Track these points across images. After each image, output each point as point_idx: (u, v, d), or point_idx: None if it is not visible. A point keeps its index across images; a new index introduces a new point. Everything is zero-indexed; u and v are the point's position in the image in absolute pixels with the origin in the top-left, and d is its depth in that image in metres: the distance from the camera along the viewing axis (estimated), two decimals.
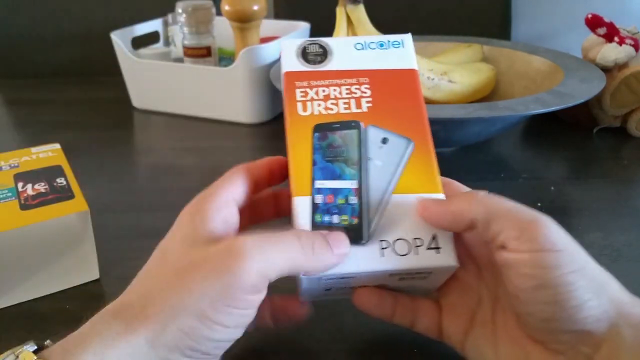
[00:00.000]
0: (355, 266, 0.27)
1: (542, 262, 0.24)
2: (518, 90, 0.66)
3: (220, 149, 0.64)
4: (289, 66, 0.32)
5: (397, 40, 0.33)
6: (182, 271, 0.24)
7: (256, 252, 0.24)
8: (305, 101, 0.31)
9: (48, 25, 1.05)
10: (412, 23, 1.10)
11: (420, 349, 0.33)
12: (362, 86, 0.31)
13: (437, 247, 0.28)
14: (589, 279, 0.24)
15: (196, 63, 0.73)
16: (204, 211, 0.27)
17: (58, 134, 0.69)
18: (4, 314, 0.37)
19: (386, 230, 0.28)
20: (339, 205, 0.28)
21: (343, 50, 0.32)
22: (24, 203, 0.38)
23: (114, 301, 0.25)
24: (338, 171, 0.29)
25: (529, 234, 0.24)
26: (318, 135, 0.30)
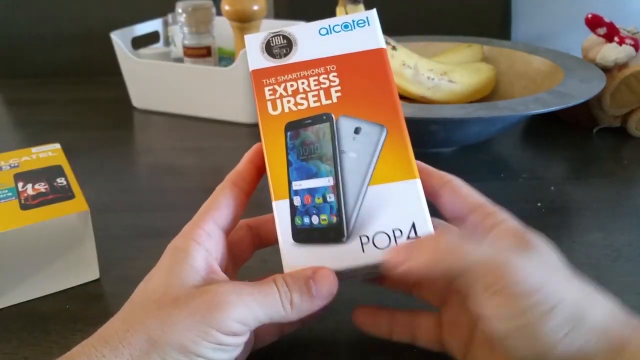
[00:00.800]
0: (337, 264, 0.28)
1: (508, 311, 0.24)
2: (518, 90, 0.66)
3: (220, 149, 0.64)
4: (255, 63, 0.31)
5: (362, 19, 0.32)
6: (165, 306, 0.25)
7: (237, 304, 0.25)
8: (275, 99, 0.30)
9: (48, 25, 1.05)
10: (412, 23, 1.10)
11: (421, 349, 0.33)
12: (330, 75, 0.30)
13: (417, 235, 0.28)
14: (562, 316, 0.23)
15: (196, 63, 0.73)
16: (184, 248, 0.28)
17: (58, 134, 0.69)
18: (4, 314, 0.37)
19: (365, 224, 0.28)
20: (317, 205, 0.28)
21: (307, 38, 0.31)
22: (24, 203, 0.38)
23: (100, 328, 0.26)
24: (314, 169, 0.29)
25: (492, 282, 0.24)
26: (290, 134, 0.30)
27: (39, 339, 0.34)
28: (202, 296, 0.26)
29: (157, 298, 0.26)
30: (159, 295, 0.26)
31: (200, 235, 0.28)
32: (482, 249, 0.25)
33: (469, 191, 0.30)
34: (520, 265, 0.24)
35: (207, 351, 0.25)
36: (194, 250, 0.28)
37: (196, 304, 0.25)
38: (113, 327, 0.26)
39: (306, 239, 0.28)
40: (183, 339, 0.24)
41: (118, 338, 0.25)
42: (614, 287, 0.36)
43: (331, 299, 0.27)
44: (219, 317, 0.25)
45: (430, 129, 0.52)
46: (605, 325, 0.24)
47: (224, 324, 0.25)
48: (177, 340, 0.24)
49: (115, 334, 0.25)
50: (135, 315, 0.26)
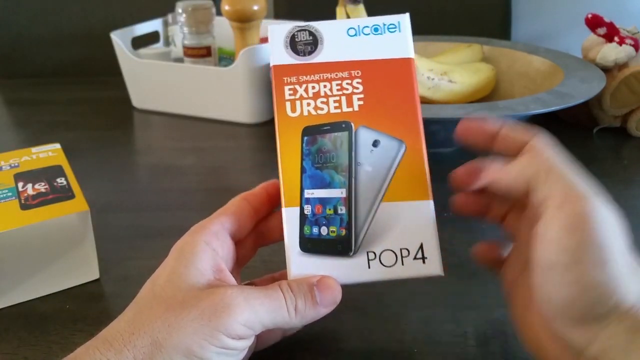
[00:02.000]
0: (342, 277, 0.28)
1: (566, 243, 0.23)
2: (518, 90, 0.66)
3: (220, 149, 0.64)
4: (277, 58, 0.30)
5: (393, 24, 0.31)
6: (172, 307, 0.25)
7: (244, 307, 0.25)
8: (294, 100, 0.30)
9: (48, 25, 1.05)
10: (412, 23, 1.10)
11: (421, 349, 0.33)
12: (354, 80, 0.30)
13: (423, 257, 0.28)
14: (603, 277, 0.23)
15: (196, 63, 0.73)
16: (193, 245, 0.28)
17: (58, 134, 0.69)
18: (4, 314, 0.37)
19: (373, 240, 0.28)
20: (328, 216, 0.28)
21: (335, 37, 0.30)
22: (24, 203, 0.38)
23: (104, 329, 0.26)
24: (327, 179, 0.28)
25: (568, 211, 0.24)
26: (307, 139, 0.29)
27: (39, 339, 0.34)
28: (209, 298, 0.25)
29: (164, 300, 0.26)
30: (165, 296, 0.26)
31: (208, 234, 0.28)
32: (571, 174, 0.25)
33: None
34: (598, 207, 0.24)
35: (213, 355, 0.25)
36: (201, 250, 0.28)
37: (203, 306, 0.25)
38: (118, 329, 0.25)
39: (313, 249, 0.28)
40: (189, 342, 0.24)
41: (123, 341, 0.25)
42: None
43: (334, 307, 0.28)
44: (226, 321, 0.25)
45: (430, 129, 0.52)
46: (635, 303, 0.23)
47: (230, 327, 0.25)
48: (183, 343, 0.24)
49: (120, 336, 0.25)
50: (140, 317, 0.26)
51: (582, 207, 0.24)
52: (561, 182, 0.25)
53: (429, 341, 0.33)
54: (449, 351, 0.33)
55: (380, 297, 0.37)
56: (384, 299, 0.37)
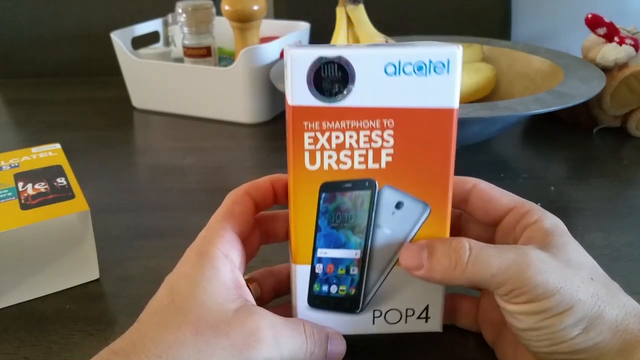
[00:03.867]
0: (345, 329, 0.29)
1: (529, 311, 0.25)
2: (518, 90, 0.66)
3: (220, 149, 0.64)
4: (298, 98, 0.25)
5: (442, 62, 0.25)
6: (202, 331, 0.24)
7: (272, 342, 0.25)
8: (315, 151, 0.25)
9: (48, 25, 1.05)
10: (412, 23, 1.10)
11: (421, 349, 0.33)
12: (385, 132, 0.25)
13: (427, 317, 0.29)
14: (577, 317, 0.24)
15: (196, 63, 0.73)
16: (212, 257, 0.27)
17: (58, 134, 0.69)
18: (4, 314, 0.37)
19: (381, 300, 0.28)
20: (339, 276, 0.28)
21: (369, 74, 0.25)
22: (24, 203, 0.38)
23: (117, 339, 0.25)
24: (343, 239, 0.27)
25: (516, 292, 0.25)
26: (325, 197, 0.26)
27: (39, 339, 0.34)
28: (241, 327, 0.25)
29: (193, 319, 0.25)
30: (193, 315, 0.25)
31: (224, 244, 0.28)
32: (502, 255, 0.25)
33: (499, 193, 0.30)
34: (540, 270, 0.25)
35: None
36: (221, 263, 0.27)
37: (235, 336, 0.24)
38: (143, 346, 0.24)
39: (321, 305, 0.28)
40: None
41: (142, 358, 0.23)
42: None
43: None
44: (254, 354, 0.25)
45: None
46: (621, 324, 0.25)
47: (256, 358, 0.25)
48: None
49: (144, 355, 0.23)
50: (166, 335, 0.24)
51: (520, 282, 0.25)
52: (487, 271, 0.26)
53: (429, 341, 0.33)
54: (449, 351, 0.33)
55: None
56: None
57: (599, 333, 0.25)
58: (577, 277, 0.25)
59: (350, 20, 0.62)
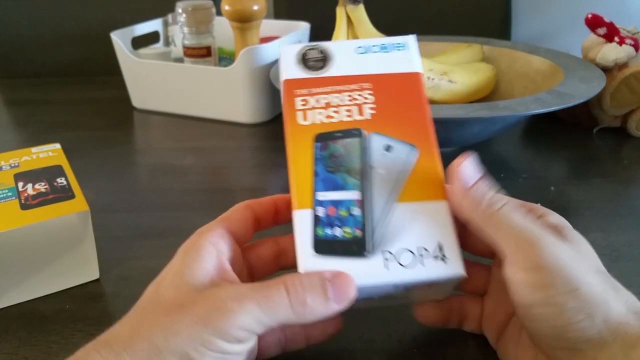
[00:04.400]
0: (359, 280, 0.26)
1: (535, 282, 0.25)
2: (518, 90, 0.66)
3: (220, 149, 0.64)
4: (288, 73, 0.31)
5: (401, 43, 0.32)
6: (170, 312, 0.25)
7: (239, 311, 0.24)
8: (306, 110, 0.30)
9: (48, 25, 1.05)
10: (412, 23, 1.10)
11: (421, 349, 0.33)
12: (365, 92, 0.30)
13: (444, 256, 0.27)
14: (582, 301, 0.24)
15: (196, 63, 0.73)
16: (196, 248, 0.28)
17: (58, 134, 0.69)
18: (4, 314, 0.37)
19: (390, 241, 0.27)
20: (342, 218, 0.28)
21: (344, 54, 0.31)
22: (25, 203, 0.38)
23: (106, 331, 0.26)
24: (340, 182, 0.28)
25: (525, 253, 0.25)
26: (319, 145, 0.29)
27: (39, 339, 0.34)
28: (204, 302, 0.25)
29: (165, 303, 0.26)
30: (166, 299, 0.26)
31: (213, 236, 0.28)
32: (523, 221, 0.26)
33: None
34: (551, 244, 0.25)
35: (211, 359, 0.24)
36: (205, 250, 0.28)
37: (198, 311, 0.25)
38: (119, 332, 0.25)
39: (327, 250, 0.27)
40: (186, 348, 0.24)
41: (123, 344, 0.24)
42: None
43: (347, 306, 0.26)
44: (222, 325, 0.24)
45: None
46: (624, 318, 0.25)
47: (226, 332, 0.24)
48: (180, 349, 0.24)
49: (120, 340, 0.25)
50: (141, 320, 0.26)
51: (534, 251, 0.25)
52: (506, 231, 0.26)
53: (429, 341, 0.33)
54: (449, 351, 0.33)
55: None
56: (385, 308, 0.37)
57: (604, 322, 0.24)
58: (585, 264, 0.26)
59: (350, 20, 0.63)
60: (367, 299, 0.28)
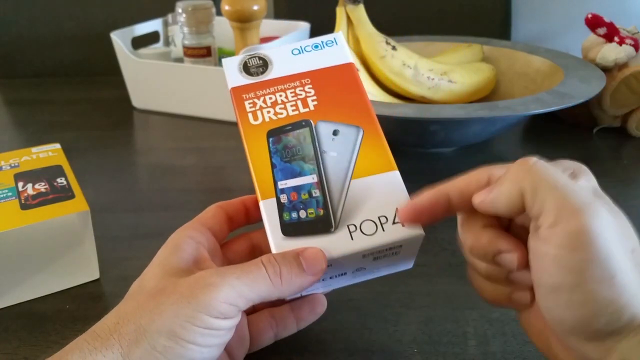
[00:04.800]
0: (328, 253, 0.28)
1: (567, 262, 0.22)
2: (518, 90, 0.66)
3: (220, 149, 0.64)
4: (234, 82, 0.34)
5: (330, 40, 0.34)
6: (154, 295, 0.26)
7: (221, 285, 0.26)
8: (255, 111, 0.32)
9: (48, 25, 1.05)
10: (412, 23, 1.10)
11: (421, 349, 0.33)
12: (306, 87, 0.33)
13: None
14: (615, 291, 0.21)
15: (196, 63, 0.73)
16: (174, 241, 0.30)
17: (58, 134, 0.69)
18: (4, 314, 0.37)
19: (352, 215, 0.29)
20: (304, 201, 0.30)
21: (281, 58, 0.34)
22: (25, 203, 0.38)
23: (96, 323, 0.27)
24: (297, 169, 0.30)
25: (566, 225, 0.22)
26: (272, 140, 0.31)
27: (39, 339, 0.34)
28: (186, 282, 0.26)
29: (148, 291, 0.27)
30: (149, 288, 0.27)
31: (191, 230, 0.30)
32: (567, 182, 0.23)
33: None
34: (599, 216, 0.22)
35: (197, 336, 0.25)
36: (183, 242, 0.29)
37: (181, 290, 0.26)
38: (105, 322, 0.26)
39: (295, 232, 0.29)
40: (172, 324, 0.25)
41: (109, 330, 0.25)
42: None
43: (320, 276, 0.27)
44: (205, 300, 0.25)
45: (430, 129, 0.52)
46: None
47: (210, 306, 0.25)
48: (165, 326, 0.25)
49: (106, 327, 0.26)
50: (125, 308, 0.27)
51: (578, 222, 0.22)
52: (551, 195, 0.23)
53: (429, 341, 0.33)
54: (449, 351, 0.33)
55: (380, 297, 0.37)
56: (384, 299, 0.37)
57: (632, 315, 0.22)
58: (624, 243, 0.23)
59: (350, 20, 0.63)
60: (341, 273, 0.30)
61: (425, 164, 0.56)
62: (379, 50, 0.61)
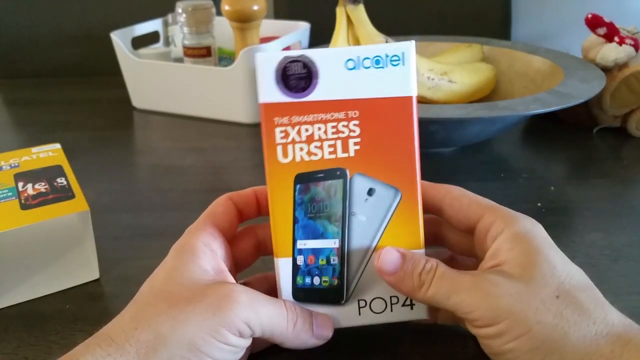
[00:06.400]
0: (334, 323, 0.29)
1: (487, 335, 0.25)
2: (518, 90, 0.66)
3: (220, 149, 0.64)
4: (267, 95, 0.28)
5: (397, 55, 0.27)
6: (177, 303, 0.25)
7: (248, 304, 0.26)
8: (286, 144, 0.28)
9: (48, 25, 1.05)
10: (412, 23, 1.10)
11: (421, 349, 0.33)
12: (351, 123, 0.28)
13: (412, 303, 0.29)
14: (536, 341, 0.24)
15: (196, 63, 0.73)
16: (190, 248, 0.28)
17: (58, 134, 0.69)
18: (4, 314, 0.37)
19: (365, 289, 0.28)
20: (320, 267, 0.28)
21: (331, 70, 0.27)
22: (25, 203, 0.38)
23: (106, 325, 0.26)
24: (320, 229, 0.28)
25: (473, 314, 0.25)
26: (300, 187, 0.28)
27: (39, 339, 0.34)
28: (215, 292, 0.26)
29: (168, 296, 0.26)
30: (168, 293, 0.26)
31: (205, 236, 0.29)
32: (458, 280, 0.26)
33: (470, 199, 0.30)
34: (491, 294, 0.25)
35: (215, 350, 0.25)
36: (201, 251, 0.28)
37: (209, 300, 0.25)
38: (121, 324, 0.25)
39: (306, 298, 0.29)
40: (194, 336, 0.24)
41: (125, 336, 0.24)
42: (613, 287, 0.36)
43: (323, 342, 0.29)
44: (230, 315, 0.25)
45: (430, 129, 0.52)
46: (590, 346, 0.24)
47: (232, 322, 0.25)
48: (187, 337, 0.24)
49: (122, 332, 0.25)
50: (144, 313, 0.26)
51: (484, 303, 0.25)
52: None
53: (429, 341, 0.33)
54: (449, 351, 0.33)
55: None
56: None
57: (562, 357, 0.24)
58: (536, 298, 0.25)
59: (350, 20, 0.62)
60: None
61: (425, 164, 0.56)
62: None
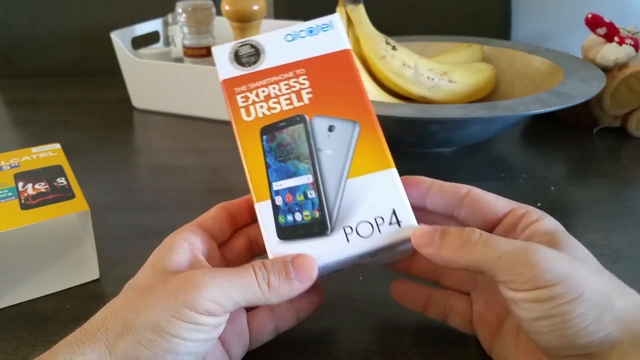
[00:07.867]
0: (324, 257, 0.28)
1: (537, 297, 0.25)
2: (518, 90, 0.66)
3: (220, 149, 0.64)
4: (225, 73, 0.32)
5: (326, 23, 0.33)
6: (143, 291, 0.27)
7: (210, 284, 0.26)
8: (248, 106, 0.31)
9: (48, 25, 1.05)
10: (412, 23, 1.10)
11: (421, 349, 0.33)
12: (300, 78, 0.31)
13: (398, 221, 0.29)
14: (588, 305, 0.24)
15: (196, 63, 0.73)
16: (171, 242, 0.30)
17: (58, 134, 0.69)
18: (4, 314, 0.37)
19: (348, 215, 0.29)
20: (299, 202, 0.29)
21: (274, 45, 0.32)
22: (25, 203, 0.38)
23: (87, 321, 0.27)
24: (292, 169, 0.30)
25: (523, 277, 0.25)
26: (266, 138, 0.30)
27: (39, 339, 0.34)
28: (177, 278, 0.27)
29: (135, 288, 0.28)
30: (137, 285, 0.28)
31: (186, 233, 0.30)
32: (511, 241, 0.26)
33: (495, 197, 0.30)
34: (547, 256, 0.25)
35: (182, 330, 0.25)
36: (177, 245, 0.29)
37: (170, 287, 0.26)
38: (95, 318, 0.27)
39: (291, 235, 0.29)
40: (157, 319, 0.25)
41: (97, 326, 0.26)
42: None
43: (309, 284, 0.28)
44: (192, 297, 0.25)
45: (430, 129, 0.52)
46: (631, 314, 0.25)
47: (197, 303, 0.25)
48: (151, 320, 0.25)
49: (94, 323, 0.26)
50: (113, 304, 0.27)
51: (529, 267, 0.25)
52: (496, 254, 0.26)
53: (429, 341, 0.33)
54: (449, 351, 0.33)
55: (380, 297, 0.37)
56: (384, 299, 0.37)
57: (612, 322, 0.24)
58: (584, 267, 0.26)
59: (350, 20, 0.63)
60: (338, 269, 0.30)
61: (425, 164, 0.56)
62: (379, 51, 0.61)
